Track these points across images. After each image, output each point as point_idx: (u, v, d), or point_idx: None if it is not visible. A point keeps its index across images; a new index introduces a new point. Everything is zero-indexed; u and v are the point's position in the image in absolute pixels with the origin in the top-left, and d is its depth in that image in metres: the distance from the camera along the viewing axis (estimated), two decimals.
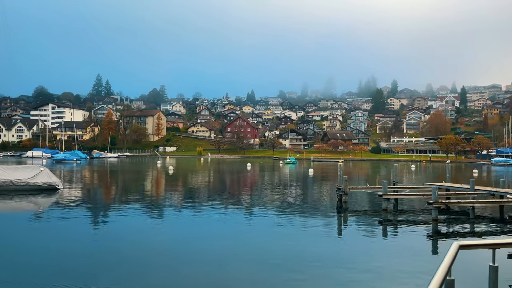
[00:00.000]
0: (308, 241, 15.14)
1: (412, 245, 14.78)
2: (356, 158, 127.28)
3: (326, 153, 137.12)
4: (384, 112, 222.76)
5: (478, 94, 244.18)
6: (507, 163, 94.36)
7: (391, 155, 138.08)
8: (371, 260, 12.78)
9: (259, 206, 23.95)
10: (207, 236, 15.80)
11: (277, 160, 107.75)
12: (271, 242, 14.96)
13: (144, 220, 19.15)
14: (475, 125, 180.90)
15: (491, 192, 21.71)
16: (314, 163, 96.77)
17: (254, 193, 31.76)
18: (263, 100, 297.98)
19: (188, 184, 40.03)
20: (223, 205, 23.90)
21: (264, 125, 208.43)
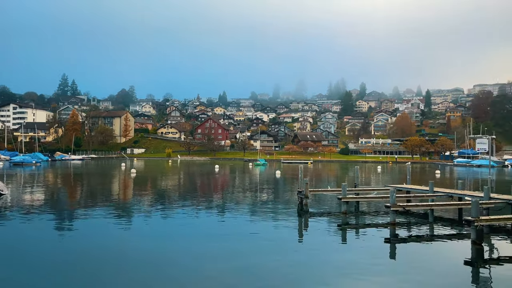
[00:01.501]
0: (267, 247, 14.70)
1: (369, 250, 14.51)
2: (325, 160, 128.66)
3: (296, 155, 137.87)
4: (353, 114, 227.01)
5: (442, 97, 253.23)
6: (468, 163, 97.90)
7: (359, 156, 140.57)
8: (328, 265, 12.57)
9: (218, 210, 23.19)
10: (163, 239, 14.92)
11: (248, 162, 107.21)
12: (229, 248, 14.44)
13: (89, 228, 17.96)
14: (439, 127, 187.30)
15: (450, 194, 21.90)
16: (284, 165, 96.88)
17: (216, 196, 30.98)
18: (235, 101, 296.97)
19: (149, 187, 38.70)
20: (181, 209, 22.97)
21: (236, 127, 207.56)
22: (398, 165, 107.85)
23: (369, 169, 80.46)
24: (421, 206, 18.48)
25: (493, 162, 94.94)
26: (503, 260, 13.09)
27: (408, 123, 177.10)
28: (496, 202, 18.99)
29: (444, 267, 12.48)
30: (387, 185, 26.71)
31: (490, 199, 19.37)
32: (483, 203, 18.94)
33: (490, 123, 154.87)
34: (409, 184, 26.32)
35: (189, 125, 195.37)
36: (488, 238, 16.00)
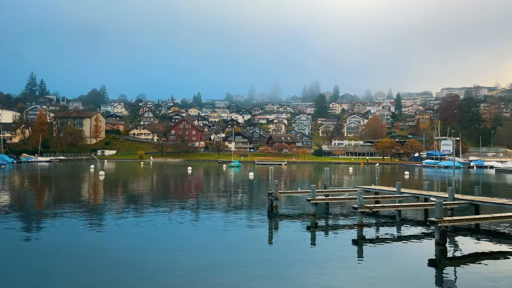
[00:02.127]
0: (235, 250, 14.55)
1: (337, 251, 14.59)
2: (299, 161, 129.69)
3: (271, 156, 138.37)
4: (327, 116, 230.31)
5: (411, 100, 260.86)
6: (436, 165, 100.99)
7: (332, 157, 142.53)
8: (296, 267, 12.51)
9: (186, 213, 22.71)
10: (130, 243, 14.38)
11: (222, 164, 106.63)
12: (196, 251, 14.17)
13: (52, 233, 17.15)
14: (408, 129, 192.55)
15: (416, 195, 22.33)
16: (258, 166, 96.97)
17: (185, 199, 30.43)
18: (209, 102, 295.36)
19: (116, 190, 37.66)
20: (148, 212, 22.34)
21: (210, 128, 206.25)
22: (369, 166, 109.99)
23: (342, 170, 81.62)
24: (388, 207, 18.71)
25: (459, 163, 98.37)
26: (466, 260, 13.35)
27: (379, 125, 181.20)
28: (460, 202, 19.48)
29: (409, 268, 12.62)
30: (356, 186, 27.00)
31: (454, 199, 19.86)
32: (447, 203, 19.40)
33: (457, 125, 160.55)
34: (377, 185, 26.70)
35: (162, 126, 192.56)
36: (452, 238, 16.37)
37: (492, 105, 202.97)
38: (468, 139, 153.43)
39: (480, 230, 17.81)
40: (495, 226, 18.43)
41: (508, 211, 17.71)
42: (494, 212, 19.05)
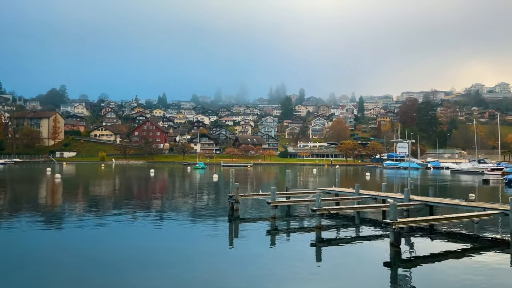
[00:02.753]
0: (194, 255, 14.30)
1: (296, 254, 14.56)
2: (265, 163, 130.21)
3: (237, 158, 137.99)
4: (293, 119, 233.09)
5: (373, 103, 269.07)
6: (396, 166, 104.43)
7: (297, 159, 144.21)
8: (256, 270, 12.49)
9: (144, 217, 21.98)
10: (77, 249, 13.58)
11: (187, 166, 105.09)
12: (153, 257, 13.73)
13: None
14: (370, 131, 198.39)
15: (374, 196, 22.77)
16: (224, 168, 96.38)
17: (144, 202, 29.54)
18: (175, 103, 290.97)
19: (72, 194, 36.03)
20: (103, 216, 21.42)
21: (176, 130, 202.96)
22: (333, 167, 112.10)
23: (306, 172, 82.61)
24: (346, 209, 18.90)
25: (417, 164, 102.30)
26: (420, 261, 13.63)
27: (343, 128, 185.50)
28: (415, 203, 20.02)
29: (364, 270, 12.73)
30: (317, 188, 27.22)
31: (409, 201, 20.39)
32: (403, 205, 19.88)
33: (416, 128, 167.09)
34: (338, 186, 27.05)
35: (125, 128, 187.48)
36: (408, 239, 16.74)
37: (448, 109, 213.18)
38: (426, 141, 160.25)
39: (435, 231, 18.35)
40: (448, 227, 19.06)
41: (460, 212, 18.39)
42: (448, 212, 19.75)
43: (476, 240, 16.70)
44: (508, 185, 45.70)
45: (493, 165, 79.85)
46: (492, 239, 16.88)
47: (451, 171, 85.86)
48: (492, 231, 18.41)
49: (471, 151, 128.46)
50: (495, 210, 17.39)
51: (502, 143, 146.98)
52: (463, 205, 18.79)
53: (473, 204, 18.69)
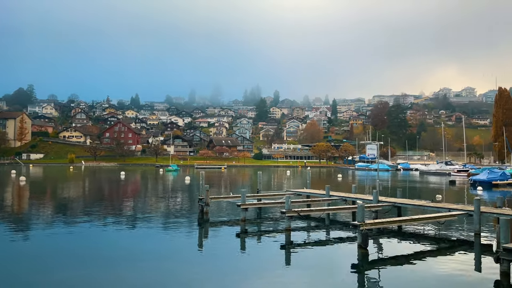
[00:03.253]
0: (164, 260, 13.92)
1: (265, 257, 14.46)
2: (239, 165, 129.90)
3: (211, 160, 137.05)
4: (267, 120, 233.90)
5: (346, 106, 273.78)
6: (367, 167, 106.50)
7: (271, 161, 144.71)
8: (226, 274, 12.32)
9: (110, 221, 21.25)
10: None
11: (159, 168, 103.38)
12: (123, 263, 13.37)
13: None
14: (343, 133, 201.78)
15: (344, 198, 22.93)
16: (197, 170, 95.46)
17: (111, 206, 28.64)
18: (148, 104, 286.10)
19: (34, 197, 34.56)
20: (65, 221, 20.54)
21: (149, 131, 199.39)
22: (307, 169, 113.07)
23: (280, 174, 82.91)
24: (315, 211, 18.88)
25: (387, 166, 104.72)
26: (387, 262, 13.71)
27: (317, 130, 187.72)
28: (383, 205, 20.27)
29: (332, 272, 12.70)
30: (289, 190, 27.21)
31: (378, 202, 20.62)
32: (371, 206, 20.09)
33: (386, 130, 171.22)
34: (309, 188, 27.12)
35: (96, 129, 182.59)
36: (377, 240, 16.86)
37: (417, 112, 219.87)
38: (396, 143, 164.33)
39: (403, 232, 18.60)
40: (415, 228, 19.35)
41: (427, 213, 18.76)
42: (415, 213, 20.10)
43: (442, 240, 17.02)
44: (473, 186, 47.33)
45: (459, 166, 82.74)
46: (458, 239, 17.25)
47: (420, 173, 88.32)
48: (457, 232, 18.85)
49: (439, 153, 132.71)
50: (460, 210, 17.80)
51: (468, 145, 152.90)
52: (430, 206, 19.17)
53: (439, 205, 19.10)
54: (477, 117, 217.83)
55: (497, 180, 48.08)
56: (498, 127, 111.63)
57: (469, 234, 18.01)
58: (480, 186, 45.61)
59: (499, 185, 47.45)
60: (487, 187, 46.02)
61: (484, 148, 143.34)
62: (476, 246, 15.95)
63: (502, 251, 10.97)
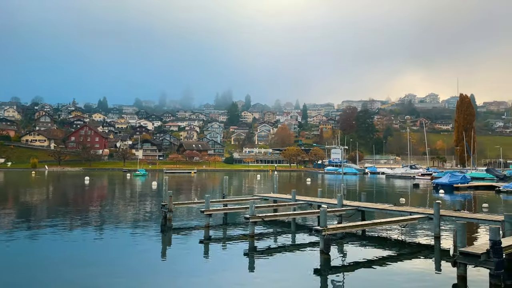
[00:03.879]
0: (124, 268, 13.50)
1: (229, 264, 14.23)
2: (210, 169, 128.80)
3: (181, 164, 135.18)
4: (239, 125, 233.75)
5: (316, 111, 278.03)
6: (336, 171, 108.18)
7: (242, 165, 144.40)
8: (187, 282, 12.09)
9: (69, 229, 20.28)
10: None
11: (127, 172, 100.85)
12: (80, 272, 12.76)
13: None
14: (313, 138, 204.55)
15: (310, 202, 22.95)
16: (166, 175, 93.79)
17: (72, 213, 27.40)
18: (117, 108, 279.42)
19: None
20: (21, 229, 19.39)
21: (117, 135, 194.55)
22: (278, 173, 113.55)
23: (251, 178, 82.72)
24: (280, 216, 18.71)
25: (355, 170, 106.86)
26: (349, 268, 13.65)
27: (288, 134, 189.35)
28: (347, 209, 20.40)
29: (294, 279, 12.54)
30: (255, 195, 27.00)
31: (342, 206, 20.75)
32: (336, 210, 20.19)
33: (355, 135, 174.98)
34: (276, 193, 27.02)
35: (61, 133, 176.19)
36: (340, 245, 16.89)
37: (384, 117, 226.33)
38: (364, 147, 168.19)
39: (366, 236, 18.74)
40: (378, 232, 19.56)
41: (389, 216, 19.03)
42: (378, 217, 20.33)
43: (404, 244, 17.24)
44: (435, 189, 48.87)
45: (423, 170, 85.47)
46: (419, 243, 17.52)
47: (386, 176, 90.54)
48: (418, 235, 19.18)
49: (404, 157, 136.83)
50: (421, 214, 18.14)
51: (432, 149, 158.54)
52: (392, 210, 19.45)
53: (401, 208, 19.43)
54: (440, 122, 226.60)
55: (458, 183, 49.91)
56: (459, 132, 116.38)
57: (430, 237, 18.37)
58: (442, 189, 47.15)
59: (460, 188, 49.28)
60: (449, 190, 47.66)
61: (447, 152, 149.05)
62: (436, 250, 16.23)
63: (458, 255, 11.15)
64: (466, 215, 17.20)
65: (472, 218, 16.67)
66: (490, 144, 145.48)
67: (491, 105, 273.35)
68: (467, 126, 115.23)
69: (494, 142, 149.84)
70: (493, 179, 66.43)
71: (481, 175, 70.05)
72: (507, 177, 67.62)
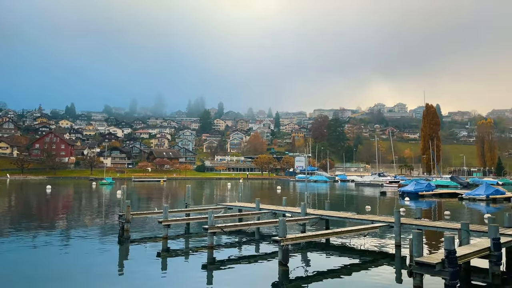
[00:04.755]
0: (79, 282, 12.77)
1: (184, 278, 13.56)
2: (180, 177, 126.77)
3: (151, 172, 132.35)
4: (211, 132, 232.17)
5: (288, 119, 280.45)
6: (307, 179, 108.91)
7: (214, 173, 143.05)
8: None
9: (23, 240, 19.00)
10: None
11: (93, 181, 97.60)
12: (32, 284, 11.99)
13: None
14: (285, 146, 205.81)
15: (274, 211, 22.55)
16: (135, 183, 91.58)
17: (31, 223, 25.84)
18: (85, 114, 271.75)
19: None
20: None
21: (84, 142, 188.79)
22: (249, 181, 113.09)
23: (222, 186, 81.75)
24: (240, 226, 18.10)
25: (326, 177, 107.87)
26: (307, 280, 13.20)
27: (260, 142, 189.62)
28: (310, 217, 20.10)
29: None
30: (219, 204, 26.35)
31: (306, 215, 20.45)
32: (299, 219, 19.86)
33: (326, 143, 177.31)
34: (241, 201, 26.48)
35: (25, 139, 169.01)
36: (303, 254, 16.50)
37: (354, 126, 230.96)
38: (335, 155, 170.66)
39: (328, 245, 18.46)
40: (341, 240, 19.27)
41: (353, 225, 18.89)
42: (342, 225, 20.14)
43: (365, 253, 17.03)
44: (401, 197, 49.75)
45: (391, 178, 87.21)
46: (380, 251, 17.37)
47: (355, 184, 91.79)
48: (381, 244, 19.05)
49: (374, 165, 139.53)
50: (382, 222, 18.07)
51: (400, 157, 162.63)
52: (354, 218, 19.31)
53: (363, 217, 19.31)
54: (408, 131, 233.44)
55: (423, 191, 51.01)
56: (425, 141, 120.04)
57: (392, 246, 18.27)
58: (407, 196, 48.02)
59: (425, 195, 50.37)
60: (414, 197, 48.60)
61: (414, 160, 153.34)
62: (396, 259, 16.09)
63: (414, 265, 10.97)
64: (425, 223, 17.24)
65: (431, 226, 16.71)
66: (455, 153, 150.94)
67: (455, 115, 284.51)
68: (433, 135, 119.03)
69: (458, 151, 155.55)
70: (457, 186, 68.43)
71: (445, 183, 72.08)
72: (470, 184, 69.88)
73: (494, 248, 12.78)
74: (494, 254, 12.73)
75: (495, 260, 12.70)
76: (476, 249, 12.69)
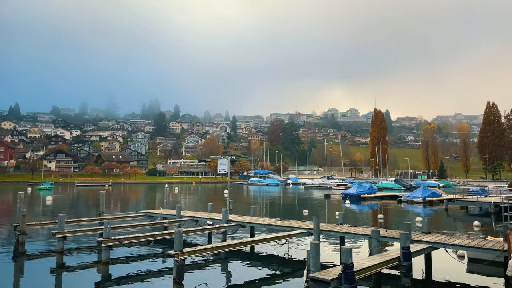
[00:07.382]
0: None
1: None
2: (129, 181, 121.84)
3: (98, 177, 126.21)
4: (166, 135, 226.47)
5: (245, 122, 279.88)
6: (260, 182, 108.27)
7: (166, 177, 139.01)
8: None
9: None
10: None
11: (33, 186, 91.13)
12: None
13: None
14: (241, 149, 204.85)
15: (195, 218, 21.05)
16: (78, 188, 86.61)
17: None
18: (30, 115, 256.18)
19: None
20: None
21: (28, 145, 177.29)
22: (202, 185, 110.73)
23: (170, 191, 78.88)
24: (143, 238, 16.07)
25: (277, 181, 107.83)
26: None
27: (216, 145, 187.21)
28: (230, 225, 18.80)
29: None
30: (140, 211, 24.41)
31: (227, 222, 19.15)
32: (219, 227, 18.52)
33: (281, 146, 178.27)
34: (166, 208, 24.72)
35: None
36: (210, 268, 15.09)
37: (309, 130, 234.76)
38: (290, 159, 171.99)
39: (253, 254, 17.20)
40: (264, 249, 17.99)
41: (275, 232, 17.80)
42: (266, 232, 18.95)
43: (286, 263, 15.89)
44: (344, 199, 49.97)
45: (339, 181, 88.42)
46: (300, 260, 16.28)
47: (305, 187, 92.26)
48: (301, 253, 17.94)
49: (326, 168, 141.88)
50: (301, 229, 17.11)
51: (352, 161, 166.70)
52: (274, 225, 18.25)
53: (284, 223, 18.24)
54: (359, 135, 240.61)
55: (365, 193, 51.57)
56: (374, 145, 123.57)
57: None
58: (349, 199, 48.26)
59: (367, 198, 50.93)
60: (356, 200, 48.94)
61: (364, 163, 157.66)
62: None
63: (310, 281, 9.90)
64: (345, 229, 16.46)
65: (349, 233, 15.94)
66: (402, 156, 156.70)
67: (404, 120, 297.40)
68: (381, 139, 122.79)
69: (405, 154, 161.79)
70: (400, 189, 70.34)
71: (390, 185, 73.92)
72: (413, 187, 72.09)
73: (403, 258, 12.03)
74: (404, 264, 11.98)
75: (404, 271, 11.96)
76: (384, 259, 11.88)
